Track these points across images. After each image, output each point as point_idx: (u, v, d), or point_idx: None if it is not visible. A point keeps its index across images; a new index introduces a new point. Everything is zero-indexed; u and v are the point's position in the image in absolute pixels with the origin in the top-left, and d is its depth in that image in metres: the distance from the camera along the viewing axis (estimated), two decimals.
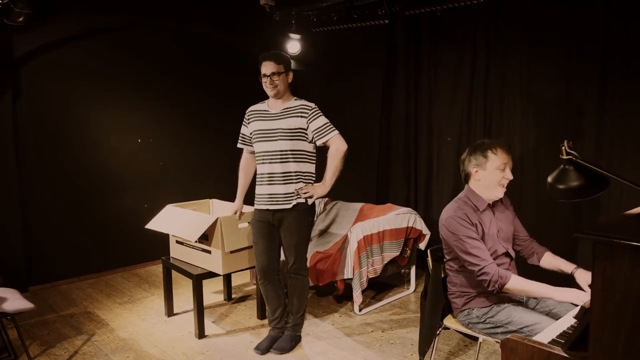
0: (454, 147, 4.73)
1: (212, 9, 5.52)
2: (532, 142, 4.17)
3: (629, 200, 3.57)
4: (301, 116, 3.22)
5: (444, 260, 2.73)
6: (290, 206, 3.26)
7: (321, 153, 3.38)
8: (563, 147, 1.95)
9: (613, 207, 3.70)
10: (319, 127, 3.22)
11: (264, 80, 3.24)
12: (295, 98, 3.32)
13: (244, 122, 3.44)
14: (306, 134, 3.25)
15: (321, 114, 3.26)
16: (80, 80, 4.86)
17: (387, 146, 5.20)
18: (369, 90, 5.39)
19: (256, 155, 3.36)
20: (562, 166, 1.98)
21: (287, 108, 3.26)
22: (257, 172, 3.37)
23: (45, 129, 4.70)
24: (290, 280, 3.45)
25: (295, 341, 3.51)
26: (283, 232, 3.33)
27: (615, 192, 3.69)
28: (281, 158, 3.24)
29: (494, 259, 2.54)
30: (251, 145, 3.41)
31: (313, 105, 3.28)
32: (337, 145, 3.24)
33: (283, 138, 3.22)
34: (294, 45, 5.42)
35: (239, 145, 3.55)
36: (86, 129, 4.94)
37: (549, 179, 2.02)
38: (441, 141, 4.85)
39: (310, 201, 3.28)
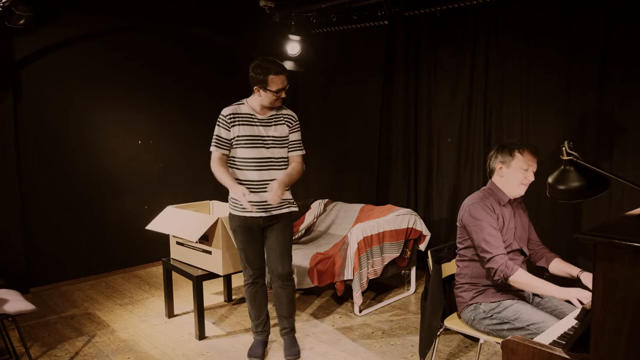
0: (454, 148, 4.74)
1: (212, 11, 5.52)
2: (532, 143, 4.16)
3: (630, 201, 3.57)
4: (287, 125, 3.23)
5: (456, 250, 2.76)
6: (287, 211, 3.27)
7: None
8: (563, 148, 1.96)
9: (614, 208, 3.70)
10: (296, 140, 3.27)
11: (278, 94, 3.09)
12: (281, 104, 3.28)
13: (223, 126, 3.15)
14: (287, 142, 3.26)
15: (300, 128, 3.31)
16: (81, 83, 4.86)
17: (387, 147, 5.20)
18: (369, 90, 5.39)
19: (239, 161, 3.16)
20: (562, 167, 1.98)
21: (275, 115, 3.20)
22: (240, 179, 3.16)
23: (46, 131, 4.70)
24: (282, 288, 3.34)
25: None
26: (274, 235, 3.26)
27: (616, 193, 3.69)
28: (278, 165, 3.20)
29: (508, 252, 2.59)
30: (229, 150, 3.19)
31: (296, 117, 3.30)
32: (302, 163, 3.27)
33: (276, 146, 3.19)
34: (293, 47, 5.42)
35: (214, 149, 3.19)
36: (87, 130, 4.95)
37: (550, 180, 2.02)
38: (441, 142, 4.85)
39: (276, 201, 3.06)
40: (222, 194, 4.81)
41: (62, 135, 4.80)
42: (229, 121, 3.16)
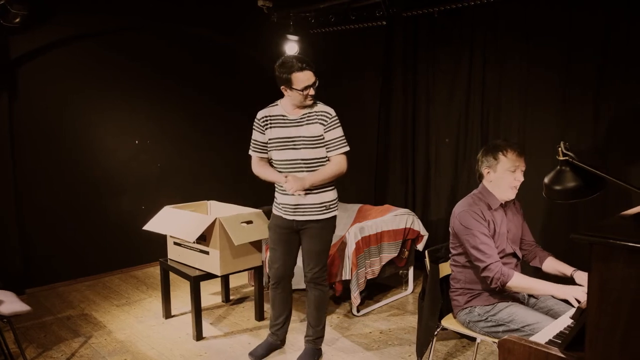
0: (452, 149, 4.74)
1: (212, 11, 5.52)
2: (529, 143, 4.17)
3: (626, 201, 3.57)
4: (321, 123, 3.04)
5: (450, 255, 2.75)
6: (324, 217, 3.11)
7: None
8: (560, 148, 1.96)
9: (610, 208, 3.70)
10: (334, 139, 3.05)
11: (305, 91, 3.00)
12: (317, 102, 3.12)
13: (257, 129, 3.15)
14: (324, 141, 3.09)
15: (339, 124, 3.10)
16: (78, 82, 4.85)
17: (385, 147, 5.20)
18: (367, 91, 5.39)
19: (274, 163, 3.15)
20: (558, 167, 1.98)
21: (307, 113, 3.06)
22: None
23: (42, 131, 4.69)
24: (311, 290, 3.26)
25: (317, 356, 3.35)
26: (307, 239, 3.16)
27: (612, 193, 3.69)
28: (309, 167, 3.06)
29: (501, 257, 2.58)
30: (266, 153, 3.18)
31: (333, 113, 3.09)
32: (341, 162, 3.07)
33: (307, 146, 3.03)
34: (292, 47, 5.42)
35: (252, 153, 3.22)
36: (83, 130, 4.94)
37: (546, 180, 2.02)
38: (439, 142, 4.85)
39: (290, 190, 2.95)
40: (219, 194, 4.84)
41: (59, 135, 4.79)
42: (262, 124, 3.14)
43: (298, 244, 3.26)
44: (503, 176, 2.59)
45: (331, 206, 3.15)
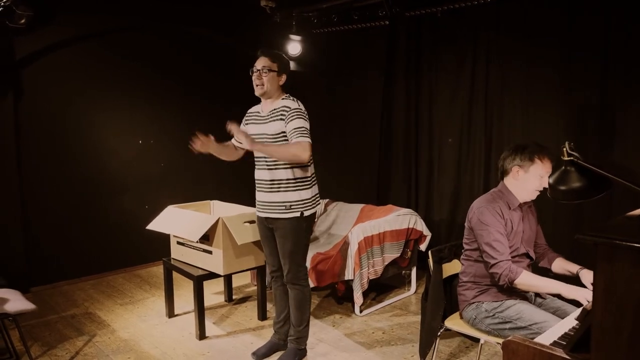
0: (455, 149, 4.74)
1: (212, 11, 5.52)
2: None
3: (631, 202, 3.56)
4: (281, 119, 3.00)
5: (463, 250, 2.75)
6: (287, 216, 3.08)
7: (327, 154, 3.30)
8: (564, 149, 1.95)
9: (615, 208, 3.69)
10: (292, 130, 2.95)
11: (253, 75, 3.05)
12: (283, 97, 3.09)
13: (242, 123, 3.28)
14: (285, 136, 3.02)
15: (300, 116, 2.97)
16: (82, 82, 4.87)
17: (388, 147, 5.20)
18: (370, 91, 5.39)
19: (254, 159, 3.21)
20: (563, 167, 1.97)
21: (273, 110, 3.06)
22: (254, 177, 3.23)
23: (46, 131, 4.70)
24: (290, 289, 3.27)
25: (299, 356, 3.32)
26: (277, 238, 3.18)
27: (617, 193, 3.68)
28: (268, 165, 3.07)
29: (514, 257, 2.58)
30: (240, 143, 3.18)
31: (295, 105, 3.01)
32: (298, 146, 2.90)
33: (271, 144, 3.04)
34: (294, 47, 5.43)
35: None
36: (87, 130, 4.95)
37: (551, 181, 2.02)
38: (442, 142, 4.85)
39: (235, 140, 3.14)
40: (222, 194, 4.84)
41: (63, 135, 4.81)
42: (245, 120, 3.28)
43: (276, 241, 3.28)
44: (532, 179, 2.58)
45: (294, 206, 3.08)
